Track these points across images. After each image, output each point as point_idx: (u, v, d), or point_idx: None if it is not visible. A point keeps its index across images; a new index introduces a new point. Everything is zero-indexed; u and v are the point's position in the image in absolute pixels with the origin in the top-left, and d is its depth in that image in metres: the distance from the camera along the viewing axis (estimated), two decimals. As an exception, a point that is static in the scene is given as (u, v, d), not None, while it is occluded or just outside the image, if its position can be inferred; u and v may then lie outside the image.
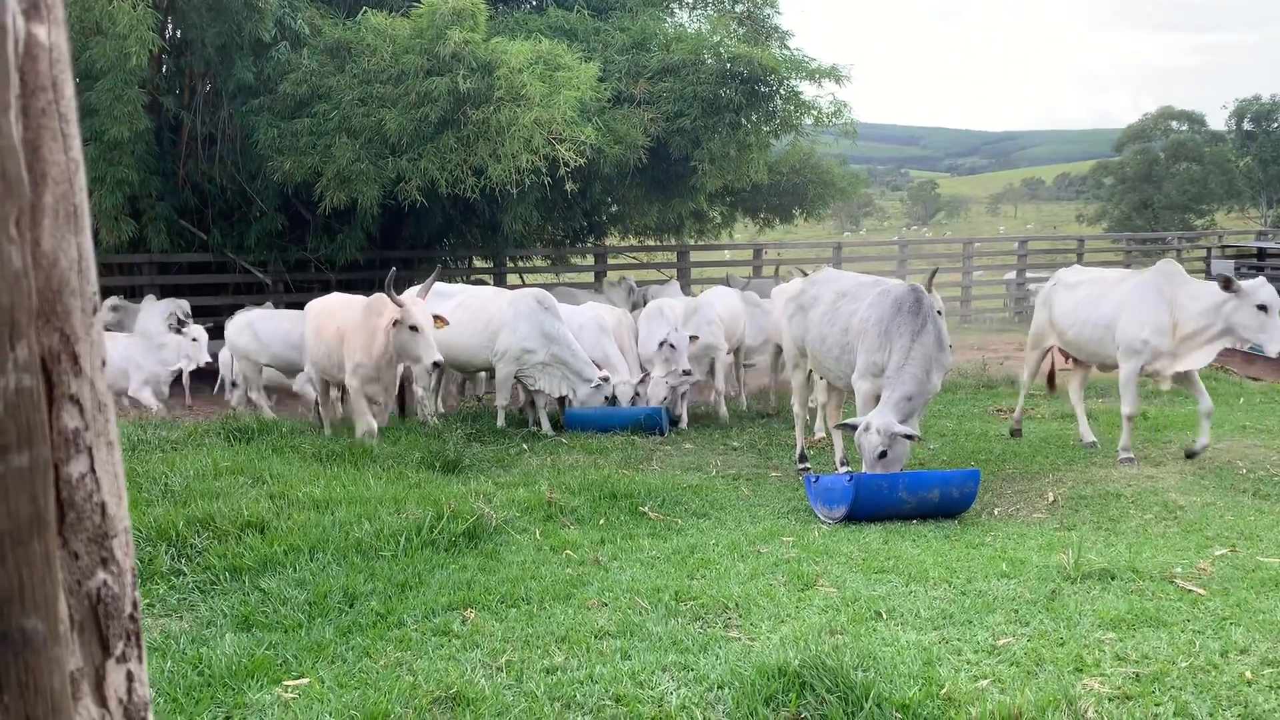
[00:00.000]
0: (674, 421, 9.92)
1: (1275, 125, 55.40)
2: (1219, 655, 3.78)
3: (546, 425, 9.67)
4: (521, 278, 18.40)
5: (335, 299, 9.43)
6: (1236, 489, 6.68)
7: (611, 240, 19.40)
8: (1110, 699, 3.39)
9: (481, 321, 9.74)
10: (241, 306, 13.01)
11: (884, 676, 3.49)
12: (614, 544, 5.76)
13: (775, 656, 3.62)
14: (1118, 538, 5.64)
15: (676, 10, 16.06)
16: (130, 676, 0.83)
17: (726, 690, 3.53)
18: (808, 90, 14.02)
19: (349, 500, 6.14)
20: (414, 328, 7.85)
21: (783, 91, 13.71)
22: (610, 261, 18.88)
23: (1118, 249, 27.96)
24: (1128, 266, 22.14)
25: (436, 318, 8.26)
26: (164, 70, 14.10)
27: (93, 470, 0.79)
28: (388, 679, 3.71)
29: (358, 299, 9.16)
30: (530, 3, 15.72)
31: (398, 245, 15.82)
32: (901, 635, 4.06)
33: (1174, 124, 58.14)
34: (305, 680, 3.75)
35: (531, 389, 9.86)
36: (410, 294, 8.38)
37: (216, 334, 11.76)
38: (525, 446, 8.97)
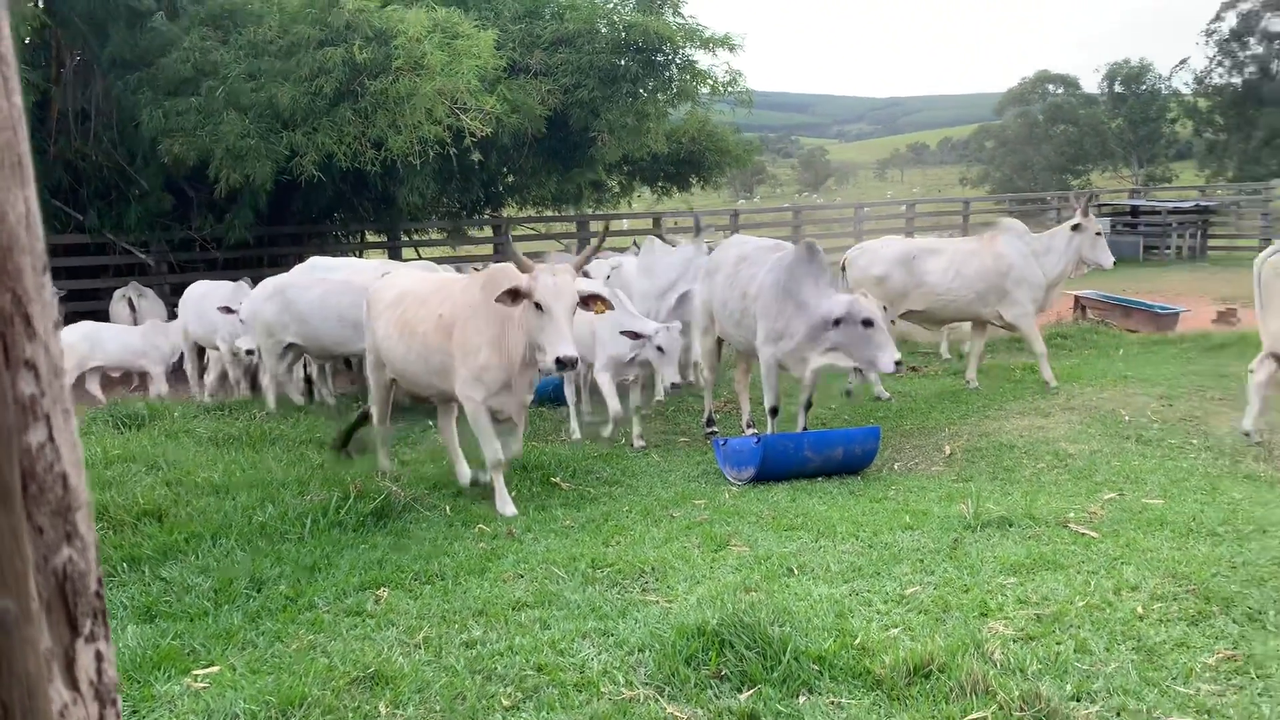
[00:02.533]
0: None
1: (1143, 88, 57.80)
2: (1112, 593, 3.97)
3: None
4: (417, 251, 18.06)
5: (409, 273, 7.27)
6: (1120, 436, 7.00)
7: (509, 211, 19.17)
8: (1014, 640, 3.53)
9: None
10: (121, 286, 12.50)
11: (799, 630, 3.56)
12: (527, 515, 5.75)
13: (694, 617, 3.66)
14: (1013, 486, 5.86)
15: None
16: (99, 656, 0.78)
17: (647, 653, 3.56)
18: (703, 59, 14.06)
19: (250, 484, 5.98)
20: (539, 306, 5.44)
21: (678, 61, 13.72)
22: (509, 233, 18.68)
23: (1001, 210, 28.86)
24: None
25: (593, 299, 5.84)
26: (27, 42, 13.34)
27: (51, 439, 0.74)
28: (302, 662, 3.64)
29: (453, 275, 7.37)
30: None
31: (286, 221, 15.34)
32: (814, 589, 4.15)
33: (1050, 87, 60.21)
34: (215, 669, 3.65)
35: None
36: (561, 265, 5.79)
37: (101, 316, 11.29)
38: (431, 424, 8.84)
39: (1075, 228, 9.18)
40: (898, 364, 6.57)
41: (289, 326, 8.86)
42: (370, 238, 18.30)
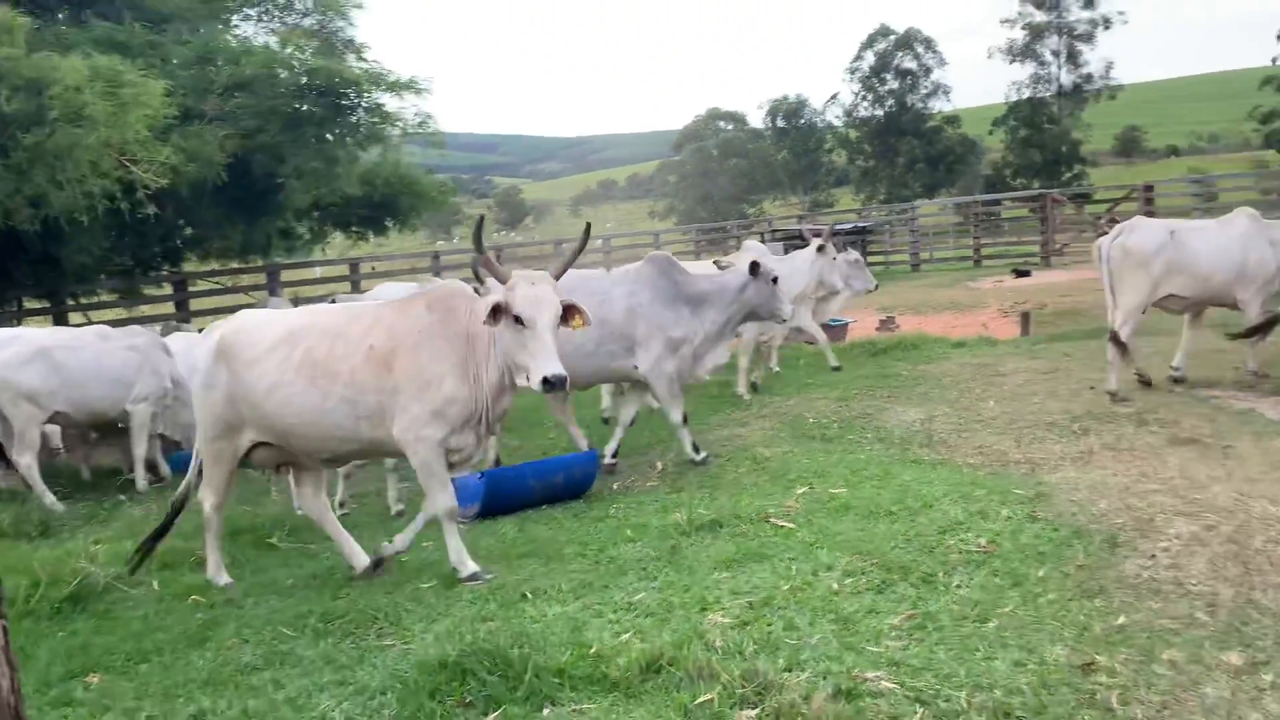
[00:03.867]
0: None
1: (802, 121, 63.36)
2: (811, 575, 4.43)
3: (141, 476, 8.68)
4: (86, 316, 16.57)
5: (274, 311, 6.06)
6: (808, 436, 7.72)
7: (190, 266, 18.03)
8: (732, 627, 3.86)
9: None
10: None
11: (538, 649, 3.71)
12: (244, 580, 5.50)
13: (434, 652, 3.71)
14: (720, 491, 6.31)
15: (240, 23, 15.30)
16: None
17: (389, 694, 3.58)
18: (390, 102, 14.00)
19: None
20: (520, 320, 4.77)
21: (365, 104, 13.58)
22: (191, 289, 17.55)
23: (688, 240, 30.63)
24: (698, 257, 24.30)
25: (571, 310, 5.01)
26: None
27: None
28: (5, 766, 3.33)
29: (365, 303, 6.15)
30: (65, 14, 14.18)
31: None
32: (548, 610, 4.31)
33: (721, 124, 64.68)
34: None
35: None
36: (538, 273, 4.95)
37: None
38: (123, 498, 8.22)
39: (820, 249, 10.75)
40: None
41: (56, 393, 8.09)
42: (30, 304, 16.59)
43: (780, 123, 62.90)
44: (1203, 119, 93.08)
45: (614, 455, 7.47)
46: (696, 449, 7.22)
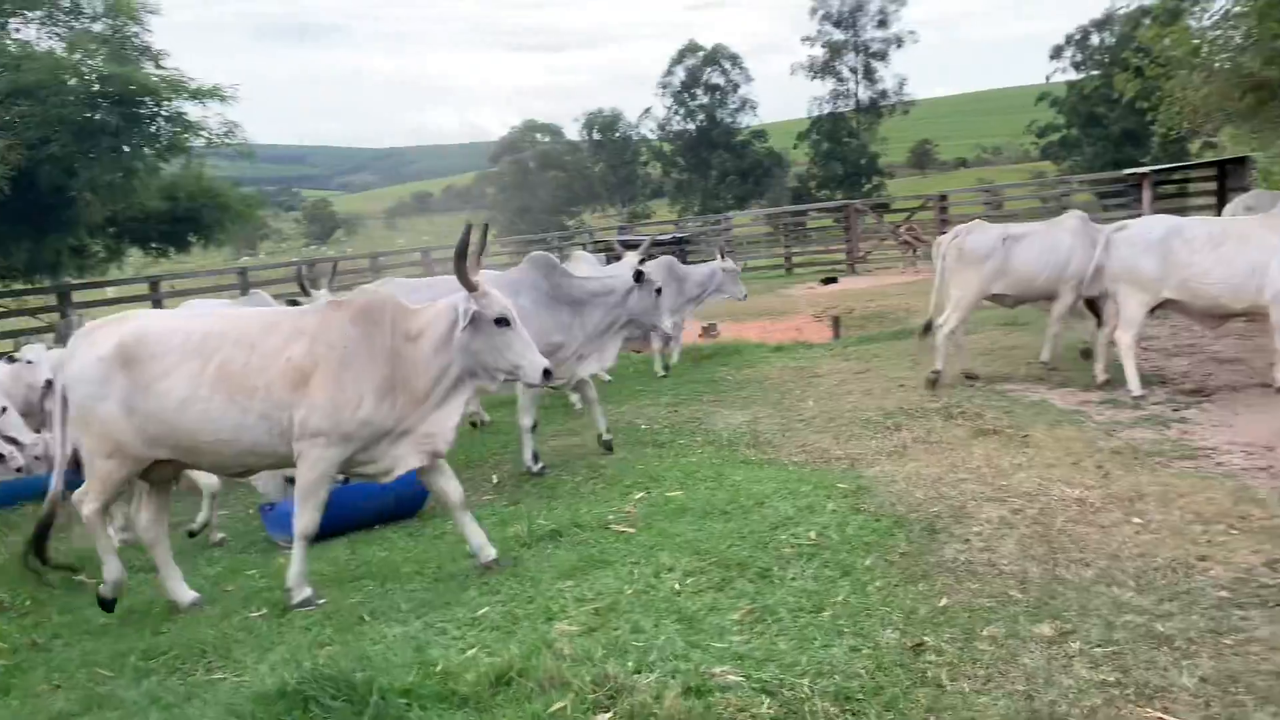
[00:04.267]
0: None
1: (617, 134, 64.23)
2: (654, 577, 4.50)
3: None
4: None
5: (220, 314, 5.45)
6: (641, 442, 7.83)
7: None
8: (579, 635, 3.88)
9: None
10: None
11: (381, 671, 3.61)
12: (50, 622, 5.12)
13: (271, 682, 3.56)
14: (558, 501, 6.32)
15: (19, 26, 14.19)
16: None
17: (226, 730, 3.40)
18: (193, 111, 13.32)
19: None
20: (503, 320, 4.88)
21: (165, 113, 12.87)
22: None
23: (509, 252, 30.48)
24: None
25: None
26: None
27: None
28: None
29: (281, 311, 5.63)
30: None
31: None
32: (389, 631, 4.21)
33: (539, 136, 64.81)
34: None
35: None
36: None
37: None
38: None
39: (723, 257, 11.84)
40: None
41: None
42: None
43: (596, 135, 63.57)
44: (987, 133, 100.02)
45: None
46: (536, 458, 7.21)
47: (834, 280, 22.40)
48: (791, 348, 12.43)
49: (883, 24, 58.39)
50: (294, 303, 8.68)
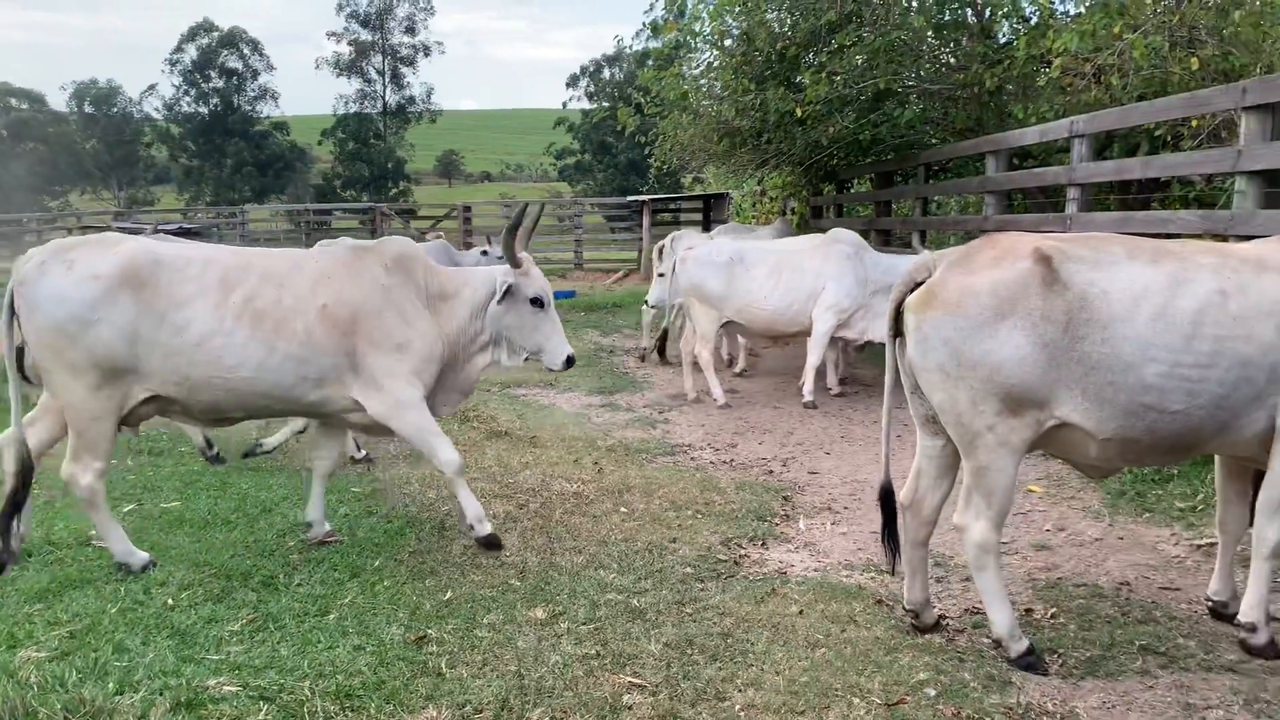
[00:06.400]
0: None
1: (115, 110, 57.87)
2: (143, 594, 4.16)
3: None
4: None
5: (234, 250, 4.64)
6: (135, 450, 7.14)
7: None
8: (50, 660, 3.48)
9: None
10: None
11: None
12: None
13: None
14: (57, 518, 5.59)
15: None
16: None
17: None
18: None
19: None
20: (538, 301, 5.02)
21: None
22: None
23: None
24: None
25: None
26: None
27: None
28: None
29: (301, 253, 4.81)
30: None
31: None
32: None
33: (14, 101, 56.34)
34: None
35: None
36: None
37: None
38: None
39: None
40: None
41: None
42: None
43: (89, 108, 56.87)
44: (510, 149, 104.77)
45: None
46: None
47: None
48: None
49: (411, 31, 58.82)
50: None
